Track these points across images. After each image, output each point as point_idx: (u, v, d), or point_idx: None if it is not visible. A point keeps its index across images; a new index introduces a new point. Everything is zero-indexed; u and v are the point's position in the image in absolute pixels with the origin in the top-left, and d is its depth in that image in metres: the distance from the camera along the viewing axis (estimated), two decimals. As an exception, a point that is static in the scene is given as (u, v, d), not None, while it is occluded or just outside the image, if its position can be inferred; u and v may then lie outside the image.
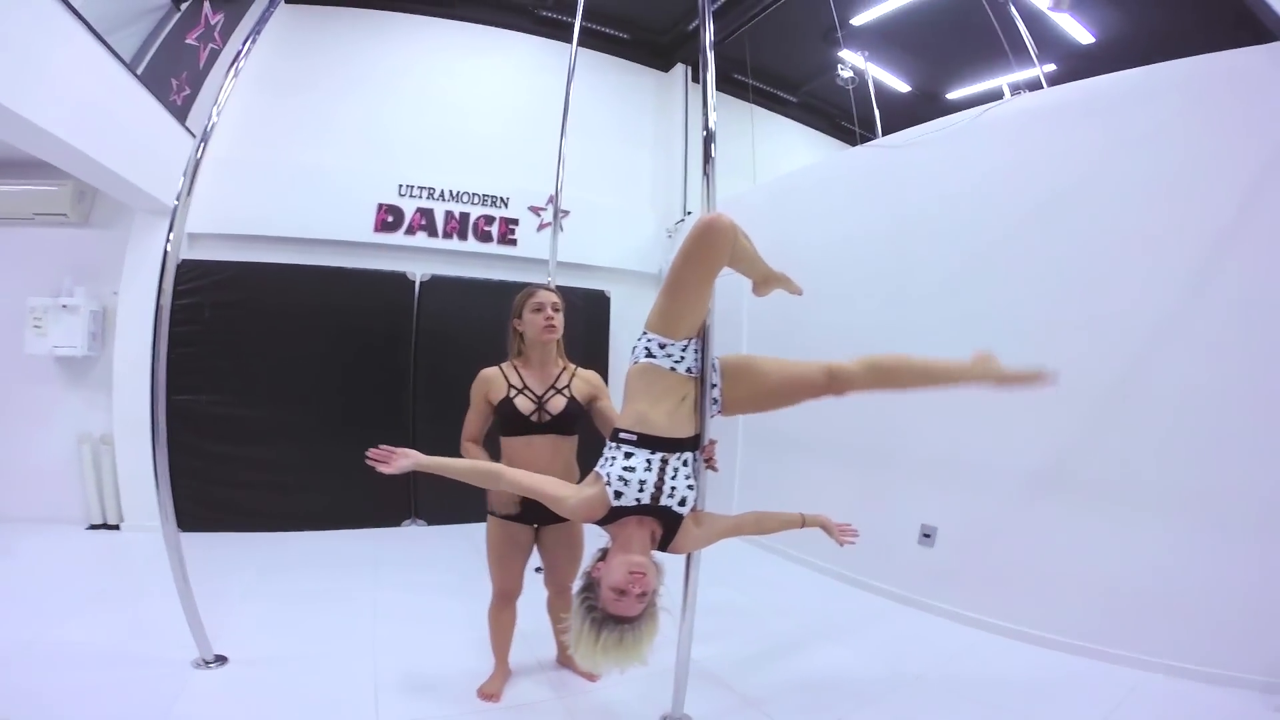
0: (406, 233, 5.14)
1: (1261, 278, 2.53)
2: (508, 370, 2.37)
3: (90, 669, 2.42)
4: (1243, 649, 2.46)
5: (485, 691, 2.42)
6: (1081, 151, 3.04)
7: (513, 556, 2.39)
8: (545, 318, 2.31)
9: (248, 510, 4.47)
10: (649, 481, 1.72)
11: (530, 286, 2.43)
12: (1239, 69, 2.63)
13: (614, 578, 1.63)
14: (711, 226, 1.62)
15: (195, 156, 2.48)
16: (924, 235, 3.67)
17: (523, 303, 2.37)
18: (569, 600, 2.43)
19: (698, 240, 1.63)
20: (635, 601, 1.63)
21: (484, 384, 2.35)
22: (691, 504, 1.80)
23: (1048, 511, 3.01)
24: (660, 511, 1.74)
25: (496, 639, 2.49)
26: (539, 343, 2.35)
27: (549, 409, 2.32)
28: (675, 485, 1.75)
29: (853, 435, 3.91)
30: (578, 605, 1.71)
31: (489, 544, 2.41)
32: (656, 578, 1.70)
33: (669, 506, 1.75)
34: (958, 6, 4.73)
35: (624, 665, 1.66)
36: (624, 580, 1.62)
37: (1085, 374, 2.91)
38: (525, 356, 2.39)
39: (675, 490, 1.75)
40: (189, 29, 4.25)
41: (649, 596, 1.67)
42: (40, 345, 4.20)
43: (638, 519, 1.74)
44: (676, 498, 1.76)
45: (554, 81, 4.66)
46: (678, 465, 1.77)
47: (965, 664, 2.79)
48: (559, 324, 2.35)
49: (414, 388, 4.98)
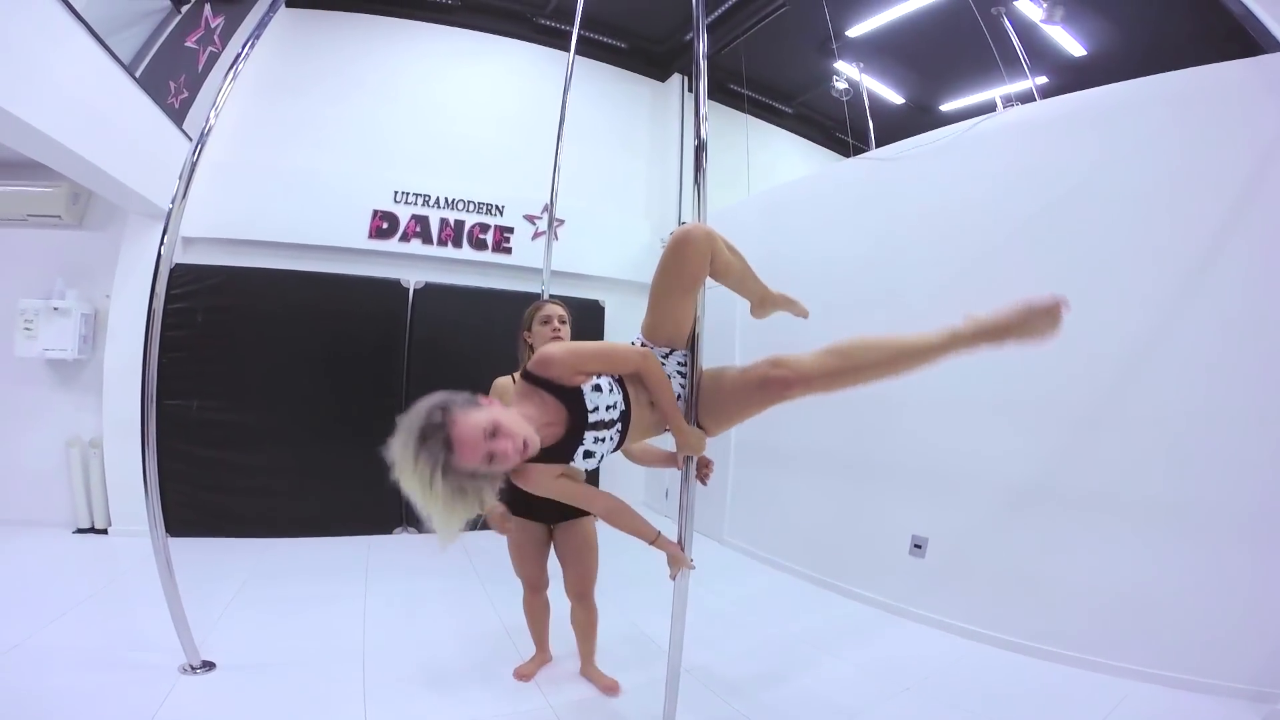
0: (401, 239, 5.15)
1: (1247, 291, 2.56)
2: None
3: (76, 673, 2.40)
4: (1232, 658, 2.47)
5: (521, 672, 2.60)
6: (1071, 165, 3.07)
7: (530, 551, 2.52)
8: (553, 329, 2.48)
9: (237, 516, 4.44)
10: (603, 417, 1.61)
11: (539, 301, 2.59)
12: (1227, 82, 2.68)
13: (494, 425, 1.42)
14: (684, 238, 1.60)
15: (191, 159, 2.48)
16: (915, 248, 3.69)
17: (532, 315, 2.54)
18: (590, 608, 2.56)
19: (672, 252, 1.62)
20: (484, 455, 1.41)
21: (505, 391, 2.43)
22: (589, 465, 1.70)
23: (1038, 523, 3.02)
24: (575, 440, 1.60)
25: (533, 626, 2.67)
26: None
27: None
28: (602, 440, 1.64)
29: (844, 448, 3.93)
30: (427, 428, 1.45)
31: (509, 542, 2.53)
32: (516, 456, 1.44)
33: (587, 447, 1.62)
34: (952, 19, 4.80)
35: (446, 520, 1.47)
36: (489, 429, 1.41)
37: (1074, 385, 2.94)
38: None
39: (600, 442, 1.63)
40: (189, 31, 4.26)
41: (498, 462, 1.43)
42: (30, 348, 4.18)
43: (568, 421, 1.59)
44: (596, 450, 1.64)
45: (550, 89, 4.68)
46: (616, 434, 1.67)
47: (956, 674, 2.79)
48: (565, 336, 2.48)
49: (406, 395, 4.95)
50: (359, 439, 4.73)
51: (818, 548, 4.02)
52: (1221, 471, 2.56)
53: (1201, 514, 2.59)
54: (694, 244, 1.61)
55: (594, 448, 1.64)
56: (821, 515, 4.05)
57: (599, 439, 1.63)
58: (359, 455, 4.89)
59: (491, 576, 3.73)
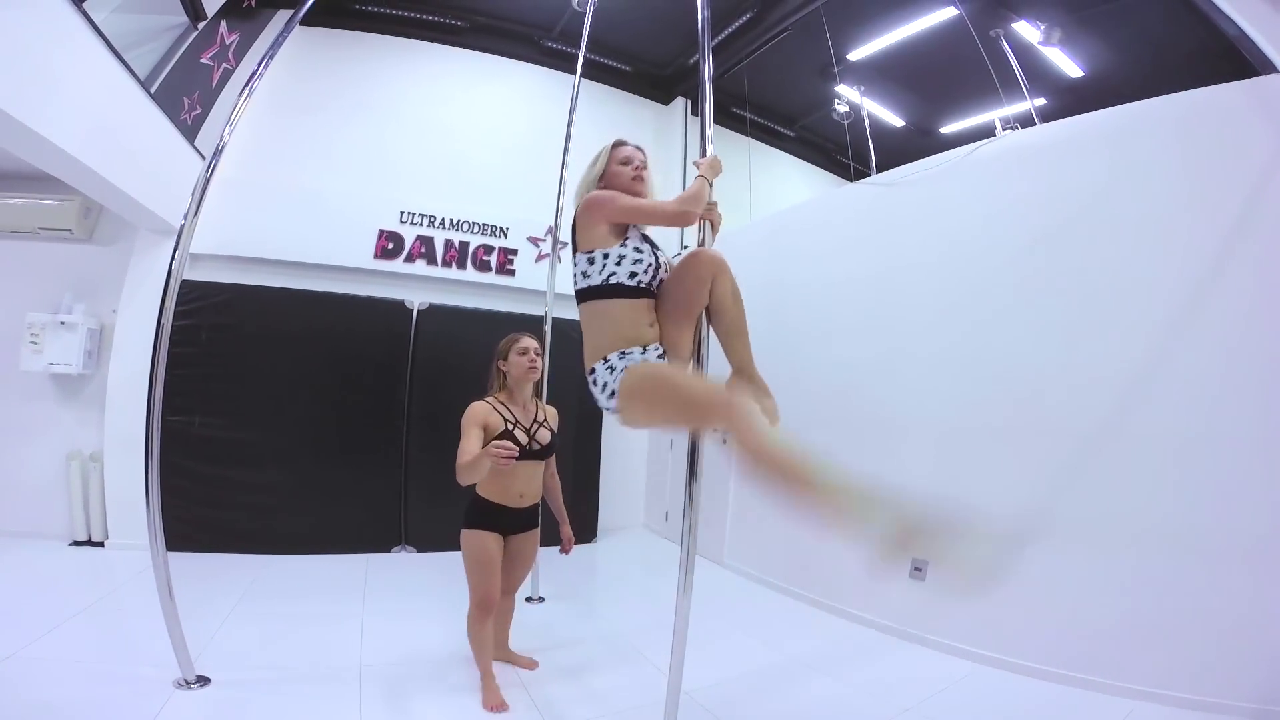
0: (406, 260, 5.17)
1: (1247, 315, 2.58)
2: (496, 405, 2.59)
3: (69, 685, 2.39)
4: (1234, 677, 2.46)
5: (493, 703, 2.47)
6: (1069, 189, 3.10)
7: (492, 565, 2.55)
8: (530, 360, 2.65)
9: (236, 532, 4.41)
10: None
11: (514, 334, 2.74)
12: (1223, 105, 2.71)
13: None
14: (694, 252, 1.84)
15: (205, 176, 2.52)
16: (917, 271, 3.71)
17: (509, 347, 2.68)
18: (512, 604, 2.82)
19: (680, 264, 1.84)
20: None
21: (482, 414, 2.51)
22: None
23: (1039, 545, 3.00)
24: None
25: (483, 652, 2.58)
26: (524, 382, 2.66)
27: (538, 440, 2.62)
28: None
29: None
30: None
31: (468, 555, 2.55)
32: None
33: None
34: (951, 42, 4.87)
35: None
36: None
37: (1075, 408, 2.95)
38: (509, 392, 2.66)
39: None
40: (204, 48, 4.33)
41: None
42: (36, 362, 4.20)
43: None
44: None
45: (555, 111, 4.74)
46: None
47: (956, 695, 2.76)
48: (540, 366, 2.73)
49: (408, 415, 4.96)
50: (360, 458, 4.81)
51: (818, 570, 3.99)
52: (1222, 493, 2.56)
53: (1202, 535, 2.58)
54: (701, 257, 1.77)
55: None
56: (821, 537, 4.01)
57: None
58: (359, 474, 4.98)
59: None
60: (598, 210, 1.86)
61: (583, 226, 1.90)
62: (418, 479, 4.86)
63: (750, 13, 5.41)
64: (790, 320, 4.33)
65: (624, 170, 2.00)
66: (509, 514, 2.58)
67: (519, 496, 2.59)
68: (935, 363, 3.51)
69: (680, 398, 1.71)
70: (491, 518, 2.55)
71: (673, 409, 1.77)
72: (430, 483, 4.80)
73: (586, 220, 1.88)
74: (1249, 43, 2.67)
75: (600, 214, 1.85)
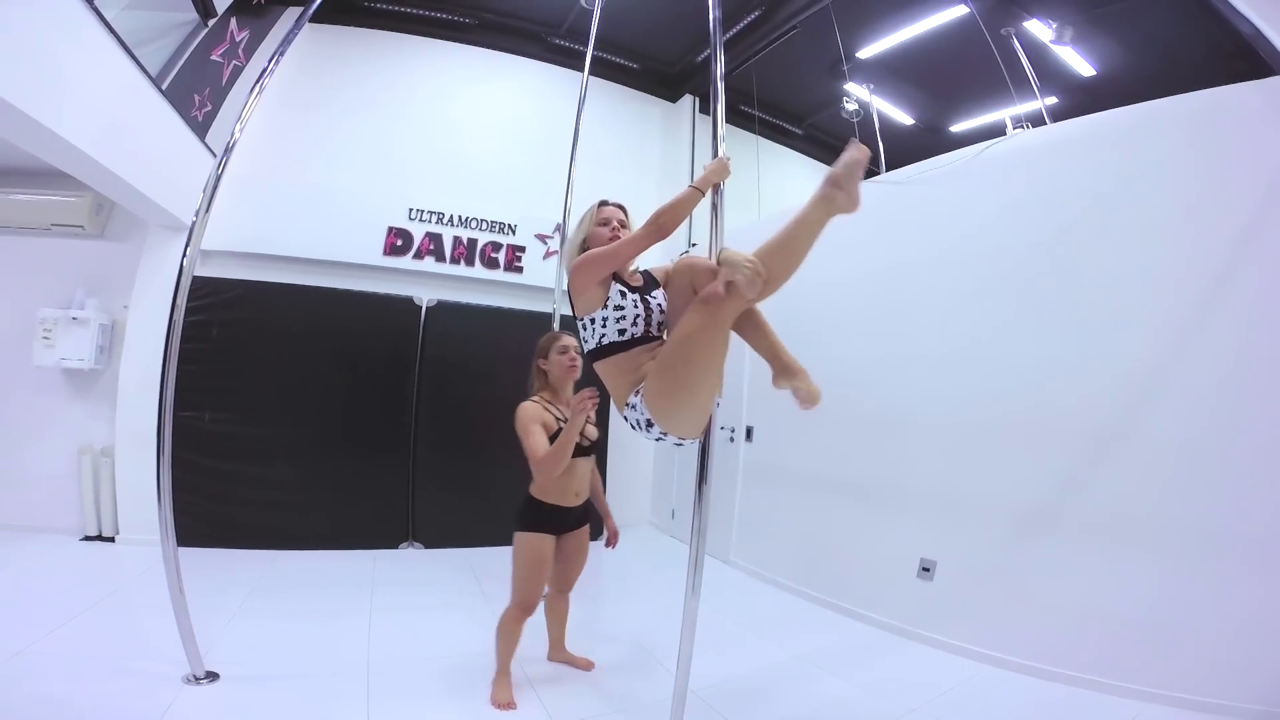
0: (415, 257, 5.19)
1: (1256, 317, 2.56)
2: (545, 405, 2.58)
3: (79, 680, 2.41)
4: (1241, 678, 2.45)
5: (503, 701, 2.50)
6: (1080, 189, 3.08)
7: (545, 568, 2.56)
8: (570, 359, 2.63)
9: (245, 527, 4.44)
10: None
11: (554, 332, 2.76)
12: (1238, 105, 2.68)
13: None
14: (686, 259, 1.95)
15: (216, 173, 2.53)
16: (926, 270, 3.70)
17: (549, 345, 2.68)
18: (567, 602, 2.84)
19: (676, 277, 1.95)
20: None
21: (537, 413, 2.52)
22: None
23: (1046, 546, 3.00)
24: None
25: (507, 649, 2.59)
26: (565, 380, 2.65)
27: (588, 436, 2.60)
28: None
29: (852, 470, 3.91)
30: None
31: (523, 558, 2.53)
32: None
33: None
34: (962, 40, 4.84)
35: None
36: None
37: (1084, 408, 2.93)
38: (553, 391, 2.66)
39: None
40: (215, 45, 4.34)
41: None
42: (48, 357, 4.23)
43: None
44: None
45: (563, 108, 4.74)
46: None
47: (963, 695, 2.76)
48: (580, 365, 2.64)
49: (416, 412, 4.97)
50: (368, 454, 4.83)
51: (825, 569, 3.99)
52: (1230, 494, 2.55)
53: (1210, 537, 2.57)
54: (684, 266, 1.90)
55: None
56: (829, 537, 4.02)
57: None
58: (367, 470, 4.99)
59: (496, 593, 3.71)
60: (578, 276, 1.96)
61: (573, 294, 1.99)
62: (425, 475, 4.87)
63: (758, 10, 5.39)
64: (798, 318, 4.30)
65: (603, 231, 2.10)
66: (563, 513, 2.58)
67: (575, 495, 2.59)
68: (944, 362, 3.50)
69: (677, 344, 1.79)
70: (547, 519, 2.55)
71: (681, 362, 1.80)
72: (438, 479, 4.83)
73: (573, 288, 1.97)
74: (1264, 42, 2.63)
75: (581, 279, 1.94)
